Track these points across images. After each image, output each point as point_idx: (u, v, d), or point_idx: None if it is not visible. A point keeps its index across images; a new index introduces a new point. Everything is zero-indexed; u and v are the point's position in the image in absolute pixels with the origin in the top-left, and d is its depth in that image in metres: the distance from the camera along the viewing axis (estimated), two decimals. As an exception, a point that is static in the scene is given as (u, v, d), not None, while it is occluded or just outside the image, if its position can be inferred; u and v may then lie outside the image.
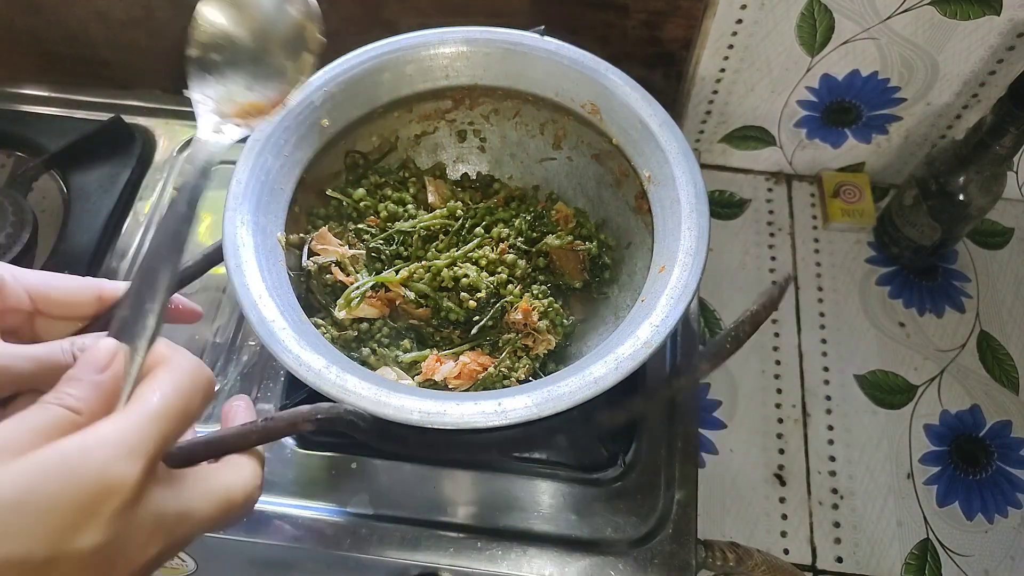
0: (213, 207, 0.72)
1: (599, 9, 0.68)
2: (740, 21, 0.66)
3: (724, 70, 0.71)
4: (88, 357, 0.28)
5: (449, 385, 0.51)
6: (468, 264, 0.55)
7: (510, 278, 0.56)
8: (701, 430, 0.66)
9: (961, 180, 0.67)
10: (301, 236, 0.54)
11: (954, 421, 0.68)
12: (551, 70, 0.57)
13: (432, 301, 0.54)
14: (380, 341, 0.54)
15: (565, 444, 0.57)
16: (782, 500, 0.65)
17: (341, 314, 0.53)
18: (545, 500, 0.55)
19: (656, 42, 0.71)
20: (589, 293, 0.59)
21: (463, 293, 0.54)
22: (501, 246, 0.57)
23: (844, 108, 0.74)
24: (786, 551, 0.62)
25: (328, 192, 0.57)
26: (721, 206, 0.80)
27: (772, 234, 0.78)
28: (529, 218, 0.58)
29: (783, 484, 0.65)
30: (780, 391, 0.69)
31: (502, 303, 0.54)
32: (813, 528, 0.63)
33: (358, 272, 0.55)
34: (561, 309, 0.56)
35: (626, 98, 0.54)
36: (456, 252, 0.56)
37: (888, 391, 0.69)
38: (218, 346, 0.63)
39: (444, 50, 0.57)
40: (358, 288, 0.53)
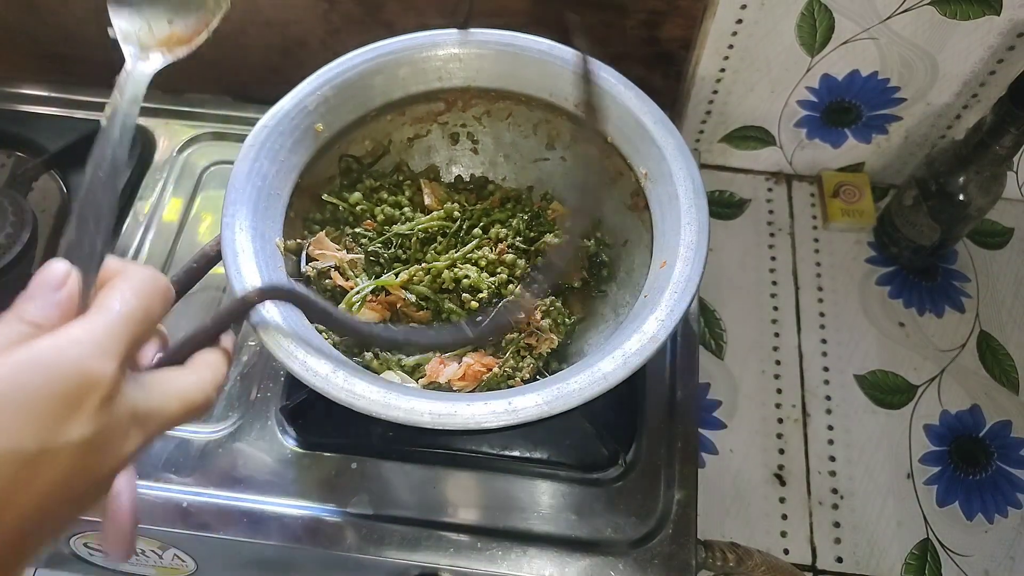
0: (214, 207, 0.73)
1: (598, 9, 0.68)
2: (740, 21, 0.66)
3: (724, 70, 0.71)
4: (42, 277, 0.29)
5: (454, 387, 0.51)
6: (468, 265, 0.55)
7: (510, 278, 0.56)
8: (701, 430, 0.66)
9: (961, 180, 0.67)
10: (298, 241, 0.54)
11: (954, 421, 0.68)
12: (544, 71, 0.57)
13: (433, 303, 0.54)
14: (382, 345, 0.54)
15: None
16: (782, 500, 0.65)
17: None
18: (545, 500, 0.55)
19: (655, 42, 0.71)
20: (588, 291, 0.59)
21: (464, 294, 0.54)
22: (500, 246, 0.57)
23: (844, 108, 0.74)
24: (786, 551, 0.62)
25: (324, 197, 0.57)
26: (721, 206, 0.80)
27: (772, 234, 0.78)
28: (526, 218, 0.58)
29: (783, 484, 0.65)
30: (780, 391, 0.69)
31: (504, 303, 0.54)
32: (813, 528, 0.63)
33: (357, 276, 0.55)
34: (562, 308, 0.56)
35: (620, 96, 0.54)
36: (455, 254, 0.56)
37: (888, 391, 0.69)
38: (218, 346, 0.62)
39: (437, 52, 0.57)
40: (359, 292, 0.53)
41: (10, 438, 0.25)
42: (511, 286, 0.55)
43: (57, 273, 0.29)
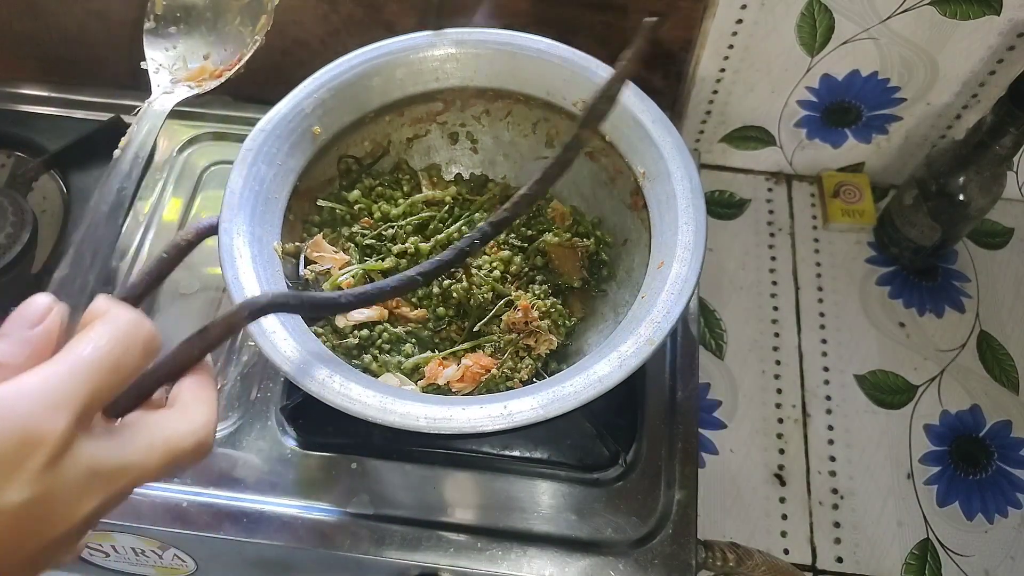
0: (214, 207, 0.73)
1: (598, 10, 0.68)
2: (740, 21, 0.66)
3: (724, 70, 0.71)
4: (20, 312, 0.28)
5: (452, 388, 0.51)
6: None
7: (505, 274, 0.56)
8: (701, 430, 0.66)
9: (961, 180, 0.67)
10: (297, 245, 0.54)
11: (954, 421, 0.68)
12: (542, 70, 0.57)
13: (428, 302, 0.54)
14: (381, 347, 0.53)
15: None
16: (782, 500, 0.64)
17: (341, 321, 0.53)
18: (545, 500, 0.55)
19: (655, 42, 0.71)
20: (588, 291, 0.59)
21: (455, 285, 0.54)
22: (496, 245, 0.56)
23: (844, 108, 0.74)
24: (786, 551, 0.62)
25: (319, 202, 0.57)
26: (721, 206, 0.80)
27: (772, 234, 0.78)
28: (525, 216, 0.58)
29: (783, 484, 0.65)
30: (780, 391, 0.69)
31: (504, 300, 0.54)
32: (813, 528, 0.63)
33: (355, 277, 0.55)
34: (562, 309, 0.56)
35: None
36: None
37: (888, 391, 0.69)
38: (218, 346, 0.62)
39: (434, 52, 0.57)
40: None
41: None
42: (507, 284, 0.55)
43: (37, 309, 0.28)
